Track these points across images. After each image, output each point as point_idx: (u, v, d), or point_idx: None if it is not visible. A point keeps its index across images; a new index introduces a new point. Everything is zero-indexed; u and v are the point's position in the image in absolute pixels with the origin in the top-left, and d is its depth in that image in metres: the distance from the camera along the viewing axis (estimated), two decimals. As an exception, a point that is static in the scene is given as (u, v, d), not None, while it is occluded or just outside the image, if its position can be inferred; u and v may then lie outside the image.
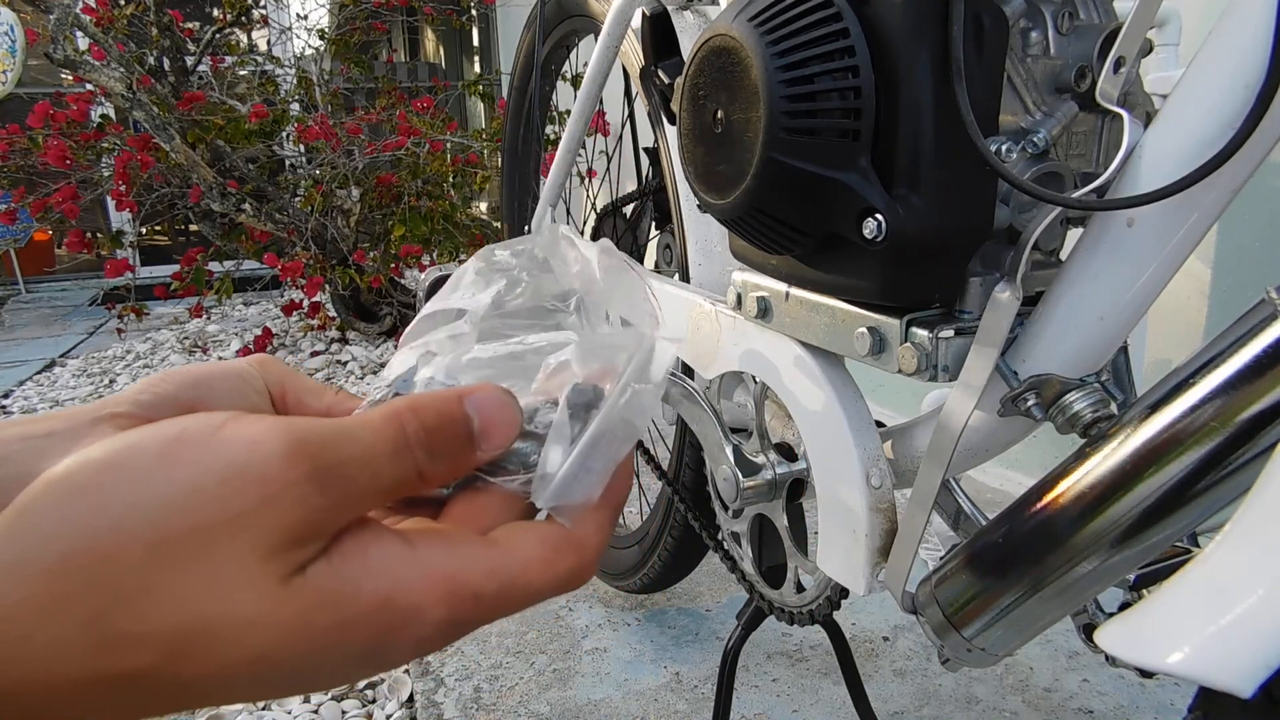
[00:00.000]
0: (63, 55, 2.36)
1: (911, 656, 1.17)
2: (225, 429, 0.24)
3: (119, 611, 0.22)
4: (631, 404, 0.30)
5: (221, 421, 0.25)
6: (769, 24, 0.50)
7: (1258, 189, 1.10)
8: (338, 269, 2.70)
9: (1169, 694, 1.08)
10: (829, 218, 0.51)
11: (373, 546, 0.26)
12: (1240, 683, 0.31)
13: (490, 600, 0.27)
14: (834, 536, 0.62)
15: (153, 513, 0.23)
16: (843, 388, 0.61)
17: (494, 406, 0.29)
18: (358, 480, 0.25)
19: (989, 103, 0.48)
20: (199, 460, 0.23)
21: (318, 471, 0.24)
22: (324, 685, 0.26)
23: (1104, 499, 0.42)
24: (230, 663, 0.23)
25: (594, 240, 0.37)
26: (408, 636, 0.26)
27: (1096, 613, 0.54)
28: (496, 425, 0.29)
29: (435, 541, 0.27)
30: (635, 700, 1.10)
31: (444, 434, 0.28)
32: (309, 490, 0.24)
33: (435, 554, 0.27)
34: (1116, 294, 0.46)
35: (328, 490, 0.24)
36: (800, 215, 0.52)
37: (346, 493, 0.25)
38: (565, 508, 0.29)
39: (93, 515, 0.22)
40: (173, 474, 0.23)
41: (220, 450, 0.24)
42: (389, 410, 0.27)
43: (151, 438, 0.24)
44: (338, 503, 0.25)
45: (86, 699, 0.22)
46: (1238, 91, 0.40)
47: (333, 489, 0.25)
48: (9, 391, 2.63)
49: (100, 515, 0.22)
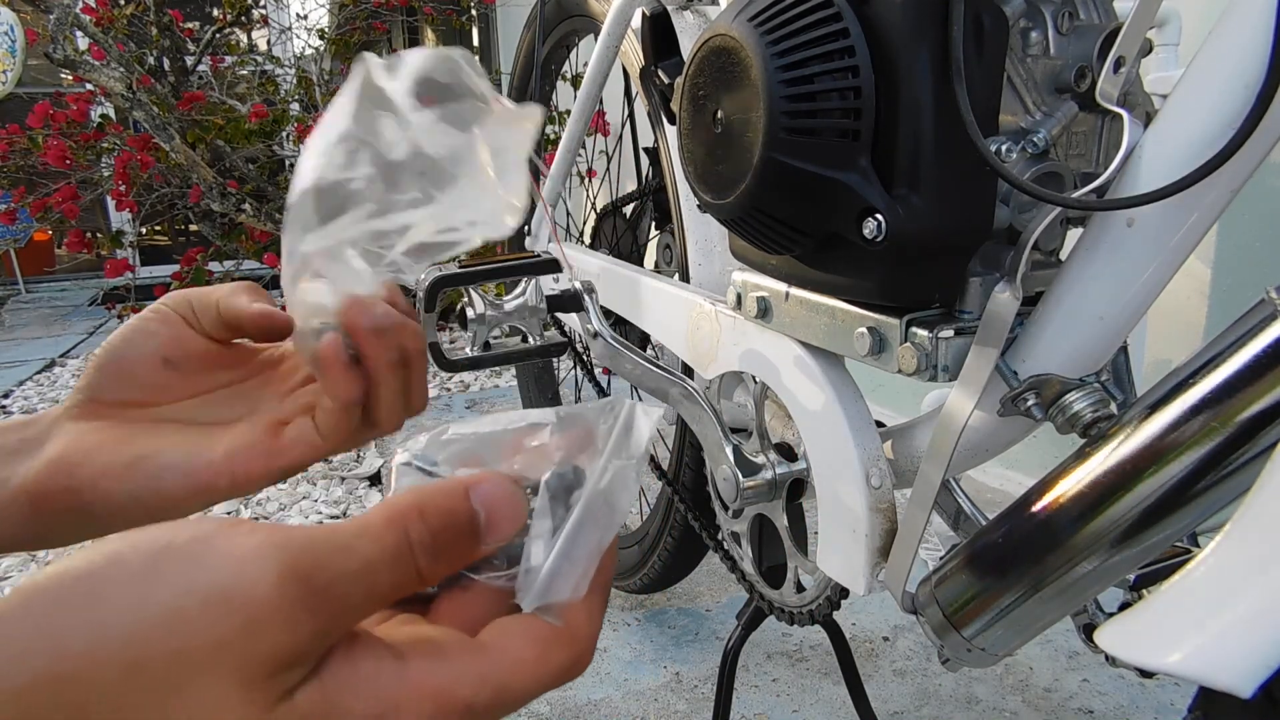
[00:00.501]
0: (63, 55, 2.36)
1: (911, 656, 1.17)
2: (214, 543, 0.23)
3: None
4: (613, 483, 0.29)
5: (211, 533, 0.23)
6: (769, 24, 0.50)
7: (1258, 189, 1.10)
8: (338, 269, 2.69)
9: (1169, 694, 1.08)
10: (829, 218, 0.51)
11: (362, 663, 0.25)
12: (1240, 683, 0.31)
13: (484, 708, 0.26)
14: (834, 536, 0.62)
15: (131, 634, 0.21)
16: (843, 388, 0.61)
17: (501, 498, 0.28)
18: (352, 597, 0.24)
19: (989, 103, 0.48)
20: (183, 579, 0.22)
21: (310, 594, 0.23)
22: None
23: (1104, 499, 0.42)
24: None
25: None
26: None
27: (1096, 613, 0.54)
28: (503, 518, 0.28)
29: (425, 653, 0.26)
30: (635, 700, 1.10)
31: (449, 534, 0.27)
32: (300, 615, 0.23)
33: (425, 666, 0.26)
34: (1116, 294, 0.46)
35: (319, 612, 0.23)
36: (800, 215, 0.52)
37: (340, 611, 0.24)
38: (553, 606, 0.28)
39: (67, 635, 0.21)
40: (155, 593, 0.22)
41: (207, 568, 0.23)
42: (393, 514, 0.26)
43: (135, 549, 0.23)
44: (329, 624, 0.24)
45: None
46: (1238, 91, 0.40)
47: (325, 610, 0.24)
48: (9, 391, 2.63)
49: (75, 635, 0.21)
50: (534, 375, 1.57)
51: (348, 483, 1.79)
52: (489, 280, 0.67)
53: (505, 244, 1.58)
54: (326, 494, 1.73)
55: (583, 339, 0.87)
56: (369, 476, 1.82)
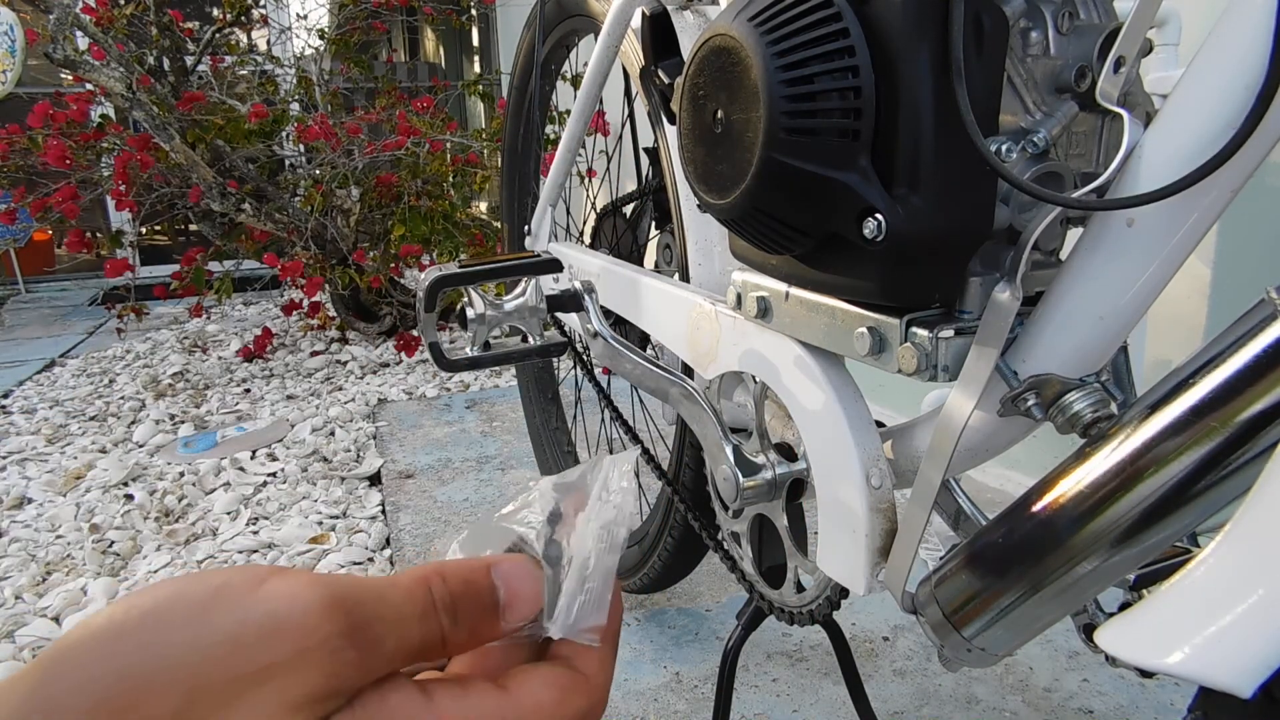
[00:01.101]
0: (62, 55, 2.36)
1: (911, 656, 1.17)
2: (268, 579, 0.25)
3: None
4: (606, 514, 0.32)
5: (264, 573, 0.26)
6: (769, 24, 0.50)
7: (1258, 189, 1.10)
8: (337, 269, 2.70)
9: (1169, 694, 1.08)
10: (829, 218, 0.51)
11: (391, 696, 0.26)
12: (1240, 683, 0.31)
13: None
14: (834, 536, 0.62)
15: (194, 658, 0.23)
16: (843, 388, 0.61)
17: (520, 576, 0.30)
18: (387, 641, 0.26)
19: (989, 103, 0.48)
20: (240, 610, 0.24)
21: (352, 628, 0.25)
22: None
23: (1104, 499, 0.42)
24: None
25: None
26: None
27: (1096, 613, 0.54)
28: (522, 597, 0.30)
29: (451, 692, 0.28)
30: (635, 700, 1.10)
31: (469, 600, 0.29)
32: (342, 645, 0.25)
33: (451, 704, 0.27)
34: (1116, 294, 0.46)
35: (359, 646, 0.25)
36: (800, 215, 0.52)
37: (376, 651, 0.26)
38: (580, 633, 0.30)
39: (132, 658, 0.23)
40: (215, 622, 0.24)
41: (262, 599, 0.25)
42: (418, 574, 0.28)
43: (194, 587, 0.25)
44: (367, 659, 0.26)
45: None
46: (1238, 91, 0.39)
47: (364, 645, 0.25)
48: (9, 391, 2.63)
49: (140, 658, 0.23)
50: (534, 375, 1.57)
51: (348, 483, 1.79)
52: (489, 280, 0.67)
53: (505, 244, 1.58)
54: (326, 494, 1.73)
55: (583, 339, 0.87)
56: (369, 476, 1.82)
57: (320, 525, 1.59)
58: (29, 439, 2.15)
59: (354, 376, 2.60)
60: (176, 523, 1.64)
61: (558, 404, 1.56)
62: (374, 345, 2.94)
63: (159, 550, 1.52)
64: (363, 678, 0.26)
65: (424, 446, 1.99)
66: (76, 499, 1.75)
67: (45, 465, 1.96)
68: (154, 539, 1.56)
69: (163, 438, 2.10)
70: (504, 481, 1.78)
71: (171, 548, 1.53)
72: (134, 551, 1.53)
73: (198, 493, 1.75)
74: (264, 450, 1.96)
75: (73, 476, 1.87)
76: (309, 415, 2.19)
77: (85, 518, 1.67)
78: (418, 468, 1.86)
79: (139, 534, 1.58)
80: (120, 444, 2.09)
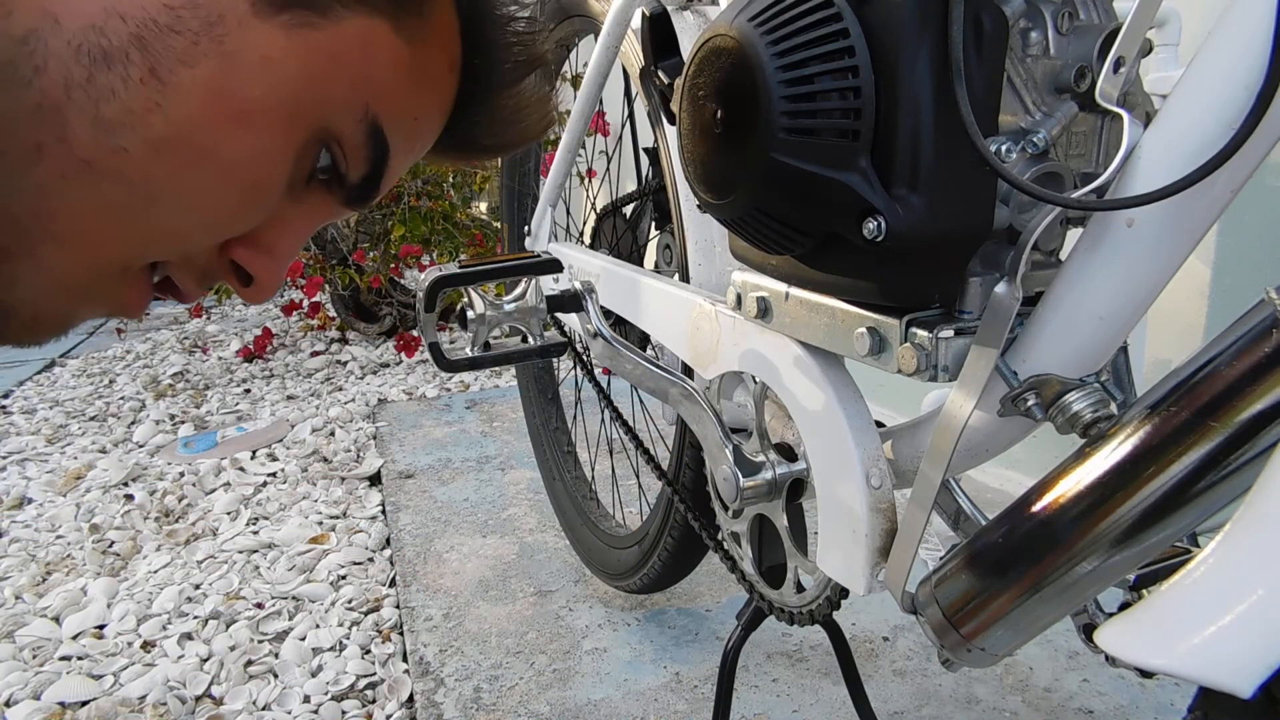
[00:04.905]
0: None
1: (911, 656, 1.17)
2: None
3: None
4: None
5: None
6: (769, 24, 0.50)
7: (1258, 189, 1.10)
8: (337, 269, 2.70)
9: (1169, 694, 1.08)
10: (829, 218, 0.51)
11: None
12: (1240, 683, 0.31)
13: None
14: (834, 536, 0.62)
15: None
16: (843, 388, 0.61)
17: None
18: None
19: (989, 103, 0.48)
20: None
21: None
22: None
23: (1104, 499, 0.42)
24: None
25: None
26: None
27: (1096, 613, 0.54)
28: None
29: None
30: (635, 700, 1.10)
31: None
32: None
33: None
34: (1116, 294, 0.46)
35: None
36: (800, 215, 0.52)
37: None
38: None
39: None
40: None
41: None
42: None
43: None
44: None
45: None
46: (1238, 91, 0.40)
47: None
48: (9, 391, 2.63)
49: None
50: (534, 375, 1.57)
51: (348, 483, 1.79)
52: (489, 280, 0.67)
53: (505, 244, 1.58)
54: (326, 494, 1.73)
55: (583, 339, 0.87)
56: (369, 476, 1.82)
57: (320, 525, 1.59)
58: (29, 439, 2.15)
59: (354, 377, 2.60)
60: (176, 523, 1.64)
61: (558, 404, 1.56)
62: (374, 345, 2.94)
63: (159, 550, 1.53)
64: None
65: (424, 446, 1.99)
66: (76, 499, 1.75)
67: (45, 465, 1.96)
68: (154, 539, 1.56)
69: (163, 438, 2.10)
70: (504, 481, 1.78)
71: (171, 548, 1.53)
72: (134, 551, 1.53)
73: (198, 493, 1.75)
74: (264, 450, 1.96)
75: (73, 476, 1.87)
76: (309, 415, 2.19)
77: (85, 518, 1.67)
78: (418, 468, 1.86)
79: (139, 534, 1.58)
80: (120, 444, 2.09)
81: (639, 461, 1.08)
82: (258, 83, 0.36)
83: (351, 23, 0.38)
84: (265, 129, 0.37)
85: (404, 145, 0.44)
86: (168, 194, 0.36)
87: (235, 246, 0.42)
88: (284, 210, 0.42)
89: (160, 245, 0.39)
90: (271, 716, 1.10)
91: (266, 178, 0.39)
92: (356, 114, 0.40)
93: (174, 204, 0.37)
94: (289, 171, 0.40)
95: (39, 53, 0.33)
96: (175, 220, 0.37)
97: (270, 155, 0.38)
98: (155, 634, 1.27)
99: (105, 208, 0.35)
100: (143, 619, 1.31)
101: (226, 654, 1.21)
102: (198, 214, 0.38)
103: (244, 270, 0.43)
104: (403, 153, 0.44)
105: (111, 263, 0.38)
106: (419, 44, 0.42)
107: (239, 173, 0.37)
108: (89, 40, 0.33)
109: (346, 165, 0.41)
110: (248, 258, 0.42)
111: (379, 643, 1.24)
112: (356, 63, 0.39)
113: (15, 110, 0.33)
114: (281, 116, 0.37)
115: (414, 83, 0.43)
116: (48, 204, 0.34)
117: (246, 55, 0.36)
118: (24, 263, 0.36)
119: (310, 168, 0.41)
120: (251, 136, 0.37)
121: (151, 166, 0.35)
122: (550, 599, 1.34)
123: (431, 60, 0.43)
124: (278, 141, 0.38)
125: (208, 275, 0.43)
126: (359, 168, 0.42)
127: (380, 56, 0.40)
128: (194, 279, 0.42)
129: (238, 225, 0.40)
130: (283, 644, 1.23)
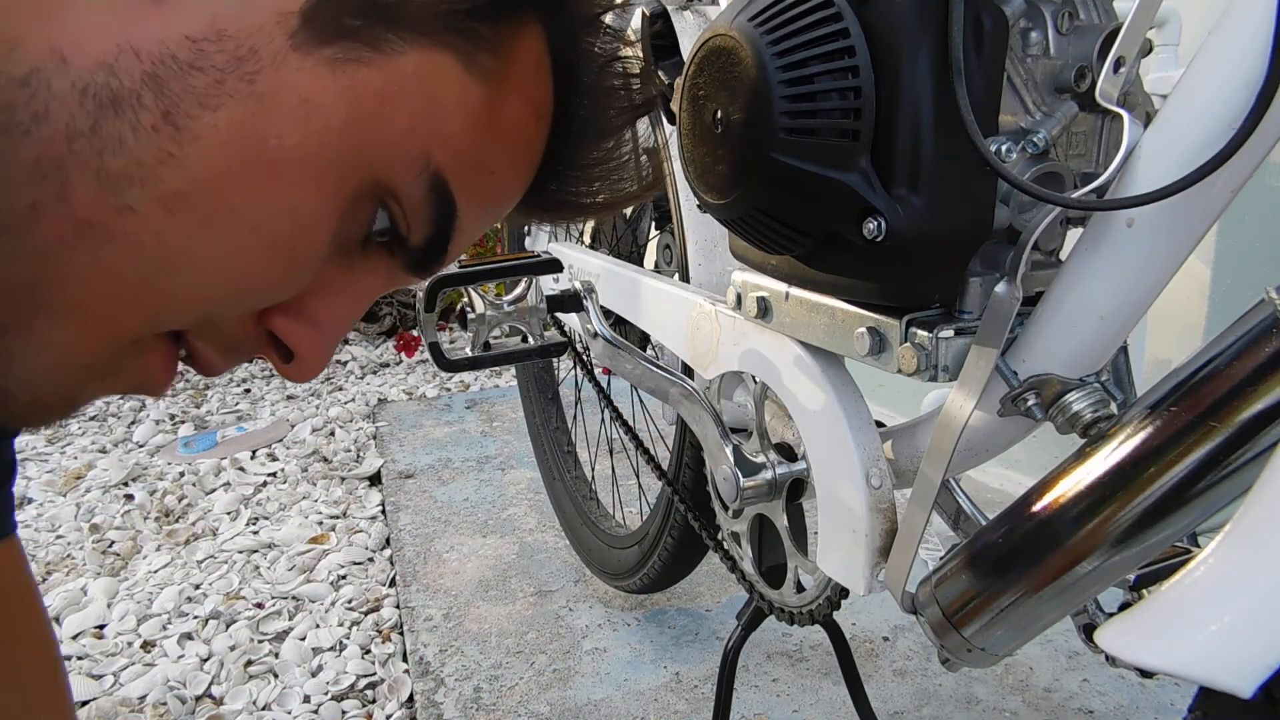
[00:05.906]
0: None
1: (911, 656, 1.17)
2: None
3: None
4: None
5: None
6: (769, 24, 0.50)
7: (1258, 189, 1.10)
8: (338, 269, 2.69)
9: (1169, 694, 1.08)
10: (829, 218, 0.51)
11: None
12: (1240, 683, 0.31)
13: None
14: (834, 536, 0.62)
15: None
16: (843, 388, 0.61)
17: None
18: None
19: (989, 103, 0.48)
20: None
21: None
22: None
23: (1104, 499, 0.42)
24: None
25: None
26: None
27: (1096, 613, 0.54)
28: None
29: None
30: (635, 700, 1.10)
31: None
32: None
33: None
34: (1116, 294, 0.46)
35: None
36: (800, 215, 0.52)
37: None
38: None
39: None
40: None
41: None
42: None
43: None
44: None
45: None
46: (1238, 91, 0.40)
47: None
48: (9, 391, 2.63)
49: None
50: (534, 375, 1.57)
51: (348, 483, 1.79)
52: (489, 280, 0.67)
53: (505, 244, 1.58)
54: (326, 494, 1.73)
55: (583, 339, 0.87)
56: (369, 476, 1.82)
57: (320, 525, 1.59)
58: (29, 439, 2.15)
59: (354, 376, 2.60)
60: (176, 523, 1.64)
61: (558, 404, 1.56)
62: (374, 345, 2.94)
63: (159, 550, 1.53)
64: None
65: (424, 446, 1.99)
66: (76, 499, 1.75)
67: (45, 465, 1.96)
68: (154, 539, 1.56)
69: (163, 438, 2.10)
70: (504, 481, 1.78)
71: (171, 548, 1.53)
72: (134, 551, 1.53)
73: (198, 493, 1.75)
74: (264, 450, 1.96)
75: (73, 476, 1.87)
76: (309, 415, 2.19)
77: (85, 518, 1.67)
78: (418, 468, 1.86)
79: (139, 534, 1.58)
80: (120, 444, 2.09)
81: (639, 461, 1.08)
82: (295, 129, 0.32)
83: (409, 58, 0.33)
84: (302, 182, 0.32)
85: (476, 203, 0.38)
86: (184, 257, 0.32)
87: (274, 315, 0.37)
88: (334, 276, 0.37)
89: (177, 314, 0.34)
90: (271, 716, 1.10)
91: (304, 238, 0.34)
92: (415, 166, 0.35)
93: (192, 268, 0.32)
94: (333, 230, 0.35)
95: (40, 96, 0.29)
96: (194, 287, 0.33)
97: (308, 212, 0.33)
98: (155, 634, 1.27)
99: (111, 274, 0.31)
100: (143, 619, 1.31)
101: (226, 654, 1.21)
102: (221, 280, 0.33)
103: (283, 343, 0.37)
104: (475, 212, 0.38)
105: (121, 336, 0.33)
106: (495, 85, 0.36)
107: (269, 232, 0.33)
108: (96, 81, 0.29)
109: (406, 225, 0.36)
110: (287, 329, 0.37)
111: (379, 643, 1.24)
112: (415, 105, 0.34)
113: (11, 164, 0.29)
114: (322, 167, 0.33)
115: (488, 130, 0.37)
116: (46, 272, 0.30)
117: (282, 96, 0.31)
118: (19, 339, 0.31)
119: (365, 228, 0.36)
120: (285, 191, 0.32)
121: (164, 226, 0.31)
122: (550, 599, 1.34)
123: (511, 104, 0.38)
124: (318, 197, 0.33)
125: (238, 347, 0.37)
126: (421, 229, 0.36)
127: (445, 98, 0.35)
128: (219, 350, 0.37)
129: (273, 292, 0.35)
130: (283, 644, 1.23)
